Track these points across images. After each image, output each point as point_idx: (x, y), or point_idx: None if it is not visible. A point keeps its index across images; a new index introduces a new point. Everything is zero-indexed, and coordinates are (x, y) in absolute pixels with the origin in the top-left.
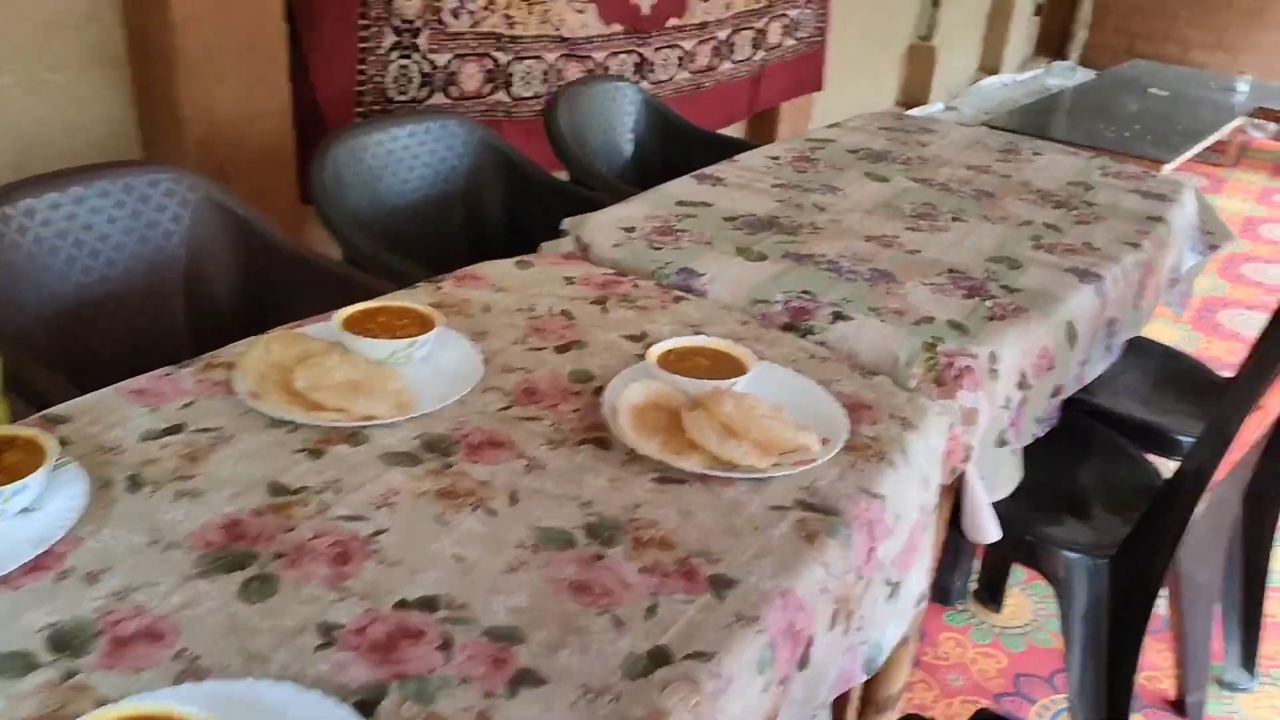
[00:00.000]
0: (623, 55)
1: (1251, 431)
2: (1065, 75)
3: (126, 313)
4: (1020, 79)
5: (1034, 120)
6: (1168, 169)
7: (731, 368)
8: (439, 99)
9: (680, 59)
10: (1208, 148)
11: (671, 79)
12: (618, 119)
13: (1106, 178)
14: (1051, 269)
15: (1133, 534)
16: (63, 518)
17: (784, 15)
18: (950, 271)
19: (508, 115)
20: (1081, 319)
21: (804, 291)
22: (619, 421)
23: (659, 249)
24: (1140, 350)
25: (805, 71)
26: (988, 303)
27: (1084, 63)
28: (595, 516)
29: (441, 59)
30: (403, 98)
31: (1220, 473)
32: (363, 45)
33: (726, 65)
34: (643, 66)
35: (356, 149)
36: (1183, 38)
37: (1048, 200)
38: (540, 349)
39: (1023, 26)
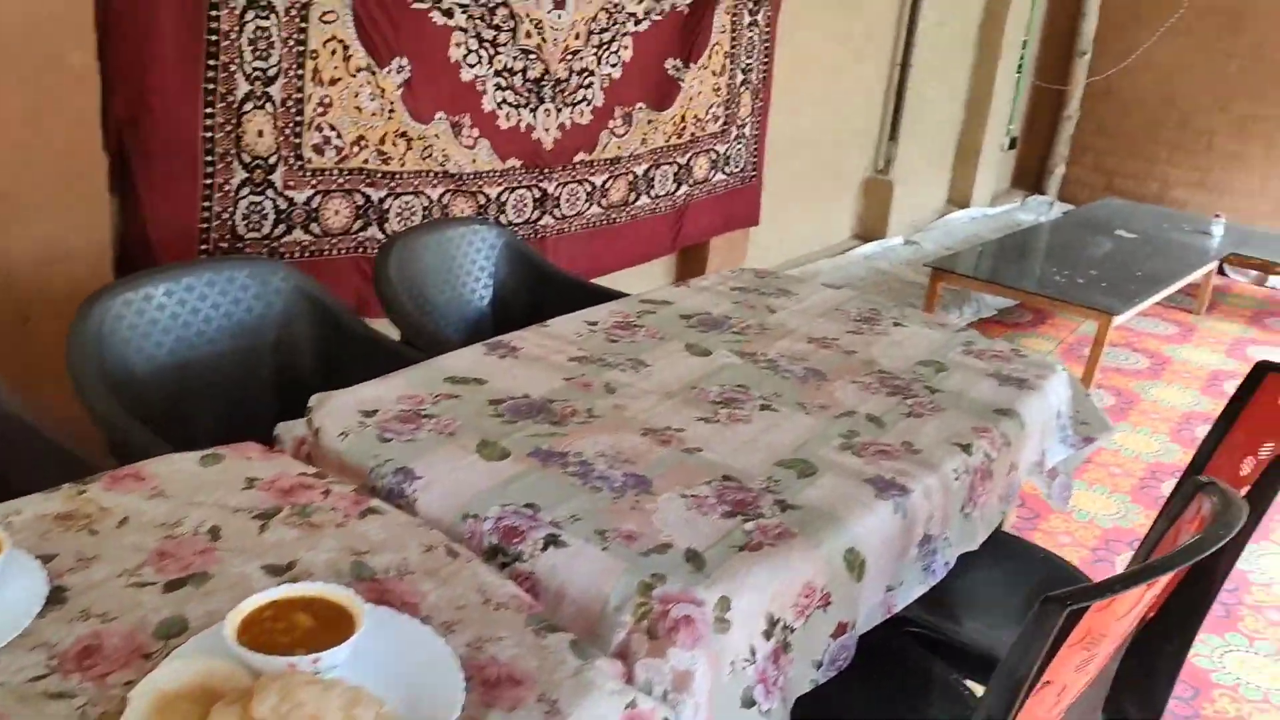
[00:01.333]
0: (521, 190)
1: (1049, 710)
2: (1040, 210)
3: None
4: (992, 213)
5: (983, 261)
6: (1120, 320)
7: (341, 627)
8: (299, 235)
9: (590, 194)
10: (1181, 291)
11: (580, 214)
12: (472, 266)
13: (967, 356)
14: (849, 479)
15: None
16: None
17: (711, 150)
18: (724, 479)
19: None
20: (872, 543)
21: (528, 504)
22: (125, 716)
23: (388, 440)
24: (1013, 555)
25: (738, 206)
26: (749, 525)
27: (1064, 197)
28: None
29: (301, 195)
30: (255, 235)
31: None
32: (208, 181)
33: (645, 200)
34: (545, 201)
35: (136, 302)
36: (1163, 176)
37: (886, 384)
38: (148, 584)
39: (994, 161)
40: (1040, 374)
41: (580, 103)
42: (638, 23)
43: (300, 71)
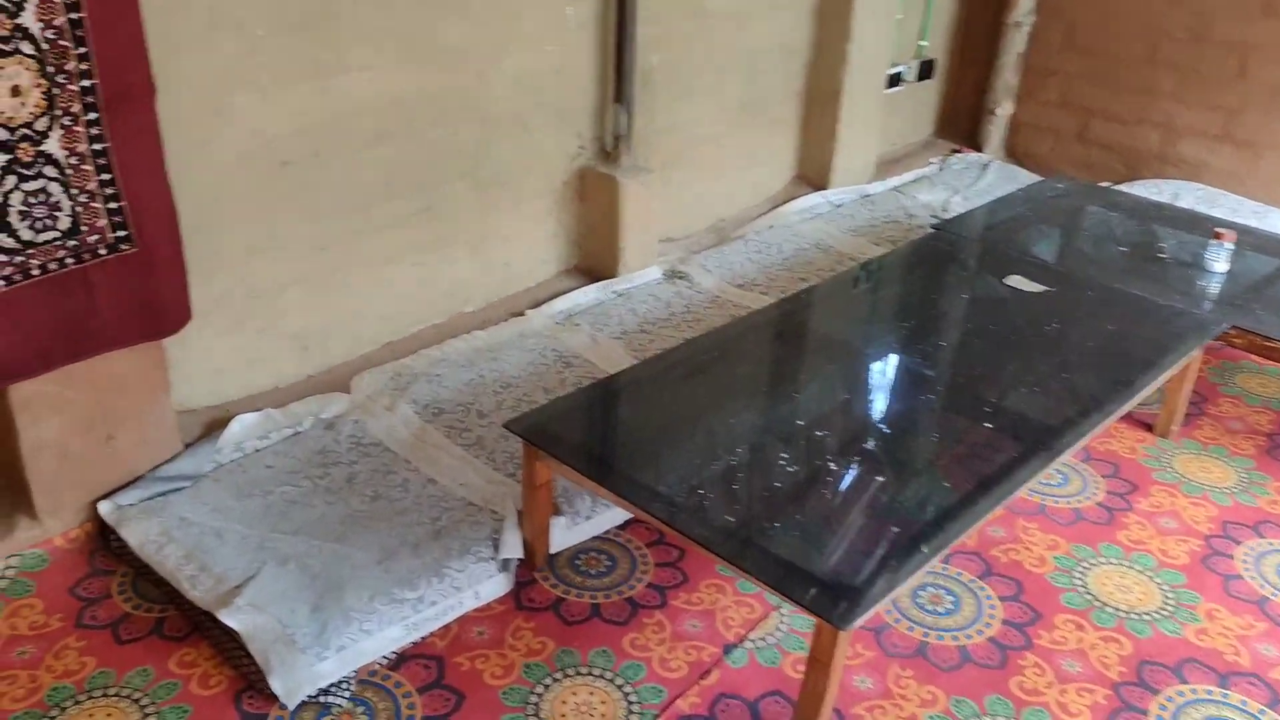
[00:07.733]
0: None
1: None
2: (966, 180)
3: None
4: (873, 191)
5: (597, 420)
6: (857, 623)
7: None
8: None
9: None
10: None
11: None
12: None
13: None
14: None
15: None
16: None
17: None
18: None
19: None
20: None
21: None
22: None
23: None
24: None
25: (98, 304)
26: None
27: (1013, 153)
28: None
29: None
30: None
31: None
32: None
33: None
34: None
35: None
36: (1168, 119)
37: None
38: None
39: (870, 106)
40: None
41: None
42: None
43: None
